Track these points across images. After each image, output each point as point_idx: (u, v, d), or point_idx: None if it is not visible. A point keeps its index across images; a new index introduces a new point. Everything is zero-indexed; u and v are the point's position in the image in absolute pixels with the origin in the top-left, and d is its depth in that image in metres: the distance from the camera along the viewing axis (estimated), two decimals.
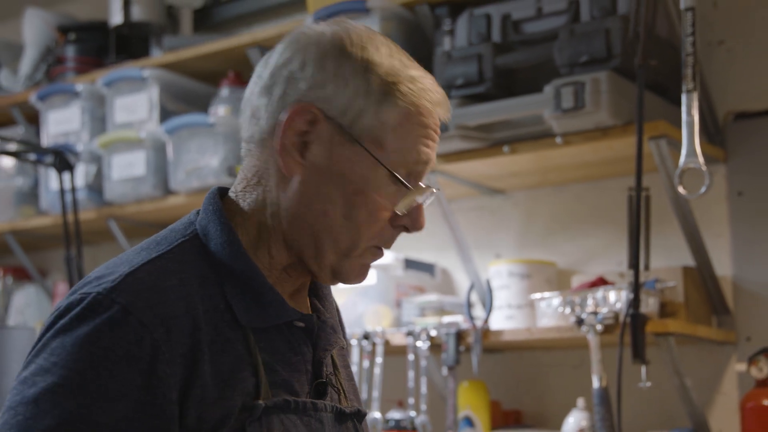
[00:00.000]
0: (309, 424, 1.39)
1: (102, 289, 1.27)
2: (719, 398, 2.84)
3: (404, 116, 1.38)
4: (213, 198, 1.43)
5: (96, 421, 1.21)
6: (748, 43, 2.91)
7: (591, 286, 2.70)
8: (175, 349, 1.27)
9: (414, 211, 1.41)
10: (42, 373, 1.23)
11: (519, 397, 3.16)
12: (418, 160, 1.39)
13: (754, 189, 2.83)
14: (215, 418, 1.29)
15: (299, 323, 1.44)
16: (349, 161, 1.37)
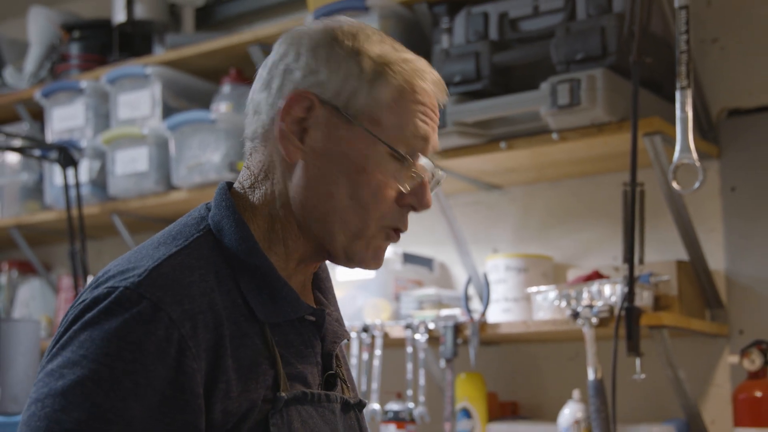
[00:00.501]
0: (323, 415, 1.41)
1: (130, 284, 1.27)
2: (712, 390, 2.84)
3: (398, 93, 1.39)
4: (225, 193, 1.43)
5: (125, 415, 1.21)
6: (741, 41, 2.90)
7: (586, 279, 2.71)
8: (201, 344, 1.27)
9: (419, 189, 1.41)
10: (70, 365, 1.23)
11: (515, 388, 3.16)
12: (415, 134, 1.39)
13: (747, 184, 2.83)
14: (240, 410, 1.30)
15: (310, 317, 1.45)
16: (348, 141, 1.38)
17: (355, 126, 1.38)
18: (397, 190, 1.39)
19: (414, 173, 1.40)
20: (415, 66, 1.42)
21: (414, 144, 1.39)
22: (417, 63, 1.43)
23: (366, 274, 3.09)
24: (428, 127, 1.41)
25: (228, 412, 1.29)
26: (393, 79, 1.39)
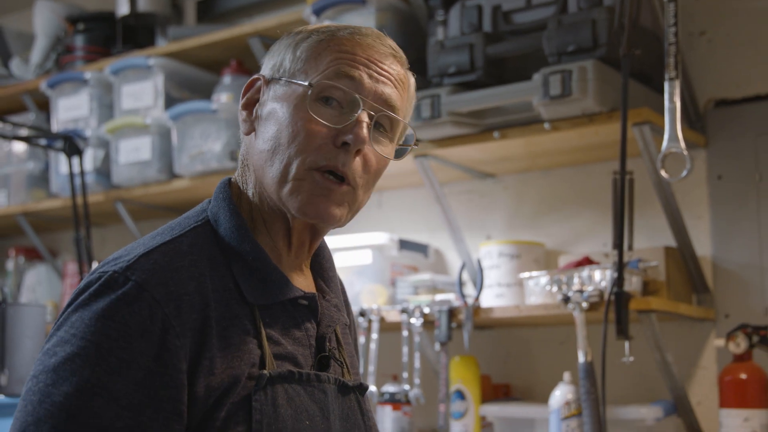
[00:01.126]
0: (312, 394, 1.42)
1: (118, 268, 1.32)
2: (699, 372, 2.85)
3: (316, 45, 1.44)
4: (224, 187, 1.49)
5: (110, 388, 1.25)
6: (727, 34, 2.90)
7: (577, 265, 2.71)
8: (185, 323, 1.31)
9: (353, 125, 1.40)
10: (62, 344, 1.28)
11: (508, 371, 3.16)
12: (338, 74, 1.41)
13: (733, 173, 2.84)
14: (223, 386, 1.32)
15: (303, 301, 1.47)
16: (280, 98, 1.43)
17: (284, 84, 1.43)
18: (327, 129, 1.39)
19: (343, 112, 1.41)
20: (338, 25, 1.47)
21: (339, 82, 1.41)
22: (343, 25, 1.47)
23: (362, 260, 3.09)
24: (353, 68, 1.42)
25: (211, 387, 1.31)
26: (314, 37, 1.45)
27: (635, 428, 2.66)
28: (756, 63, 2.85)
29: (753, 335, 2.58)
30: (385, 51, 1.46)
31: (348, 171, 1.40)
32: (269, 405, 1.35)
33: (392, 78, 1.45)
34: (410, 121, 2.84)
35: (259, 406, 1.34)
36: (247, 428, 1.32)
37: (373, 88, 1.42)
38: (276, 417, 1.35)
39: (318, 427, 1.40)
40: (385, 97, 1.43)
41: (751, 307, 2.78)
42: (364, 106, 1.40)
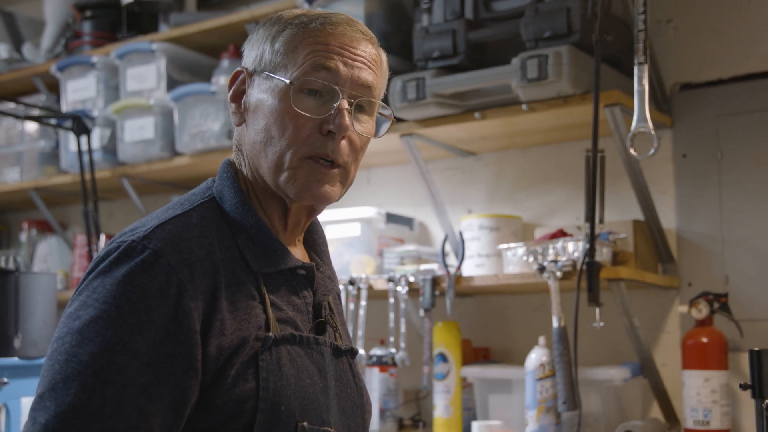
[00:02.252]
0: (311, 356, 1.45)
1: (136, 237, 1.35)
2: (663, 336, 2.85)
3: (291, 39, 1.45)
4: (227, 167, 1.52)
5: (131, 348, 1.27)
6: (692, 22, 2.89)
7: (552, 237, 2.71)
8: (198, 287, 1.33)
9: (335, 114, 1.42)
10: (85, 308, 1.30)
11: (487, 335, 3.17)
12: (315, 66, 1.43)
13: (697, 152, 2.83)
14: (233, 346, 1.35)
15: (301, 271, 1.50)
16: (266, 91, 1.44)
17: (266, 77, 1.45)
18: (312, 121, 1.42)
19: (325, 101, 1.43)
20: (310, 15, 1.47)
21: (317, 75, 1.43)
22: (316, 13, 1.47)
23: (351, 232, 3.08)
24: (328, 59, 1.43)
25: (222, 347, 1.33)
26: (288, 31, 1.45)
27: (604, 388, 2.67)
28: (718, 49, 2.84)
29: (714, 302, 2.59)
30: (357, 36, 1.47)
31: (337, 156, 1.44)
32: (274, 364, 1.38)
33: (366, 60, 1.47)
34: (397, 102, 2.84)
35: (265, 365, 1.36)
36: (255, 385, 1.35)
37: (349, 74, 1.44)
38: (280, 375, 1.38)
39: (317, 385, 1.43)
40: (362, 80, 1.45)
41: (712, 276, 2.78)
42: (343, 95, 1.43)
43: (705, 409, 2.53)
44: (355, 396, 1.53)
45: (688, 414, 2.56)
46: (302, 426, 1.37)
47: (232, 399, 1.33)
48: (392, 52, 2.92)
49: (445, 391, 2.87)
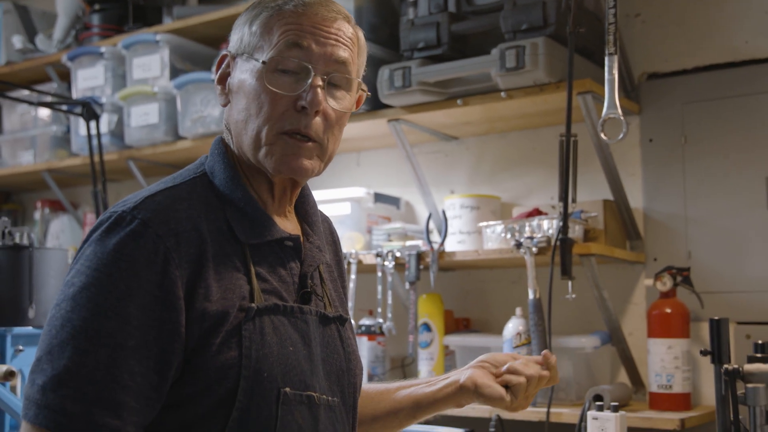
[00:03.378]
0: (295, 324, 1.42)
1: (126, 208, 1.33)
2: (630, 307, 2.86)
3: (267, 21, 1.42)
4: (219, 144, 1.49)
5: (121, 312, 1.25)
6: (659, 16, 2.88)
7: (528, 216, 2.71)
8: (183, 256, 1.31)
9: (308, 91, 1.40)
10: (79, 275, 1.28)
11: (468, 307, 3.16)
12: (289, 44, 1.40)
13: (662, 136, 2.83)
14: (217, 314, 1.32)
15: (288, 242, 1.47)
16: (245, 72, 1.42)
17: (245, 59, 1.42)
18: (287, 98, 1.40)
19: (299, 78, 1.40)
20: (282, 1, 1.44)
21: (290, 54, 1.40)
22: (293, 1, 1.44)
23: (342, 211, 3.07)
24: (300, 38, 1.40)
25: (206, 313, 1.31)
26: (263, 14, 1.43)
27: (576, 355, 2.67)
28: (682, 42, 2.83)
29: (677, 276, 2.60)
30: (330, 15, 1.43)
31: (311, 131, 1.40)
32: (257, 333, 1.35)
33: (340, 38, 1.43)
34: (385, 90, 2.82)
35: (248, 334, 1.34)
36: (238, 353, 1.32)
37: (322, 51, 1.41)
38: (263, 343, 1.35)
39: (300, 352, 1.40)
40: (335, 57, 1.42)
41: (675, 251, 2.78)
42: (316, 72, 1.40)
43: (668, 375, 2.54)
44: (342, 361, 1.49)
45: (652, 379, 2.57)
46: (284, 392, 1.35)
47: (216, 366, 1.31)
48: (380, 42, 2.91)
49: (429, 358, 2.87)
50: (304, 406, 1.38)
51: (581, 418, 2.38)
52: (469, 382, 1.59)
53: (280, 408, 1.34)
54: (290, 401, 1.36)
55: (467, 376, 1.60)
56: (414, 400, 1.66)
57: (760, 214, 2.66)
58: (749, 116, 2.70)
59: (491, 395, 1.57)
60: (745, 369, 1.39)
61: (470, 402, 1.62)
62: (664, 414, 2.47)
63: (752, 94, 2.70)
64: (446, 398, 1.63)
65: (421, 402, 1.65)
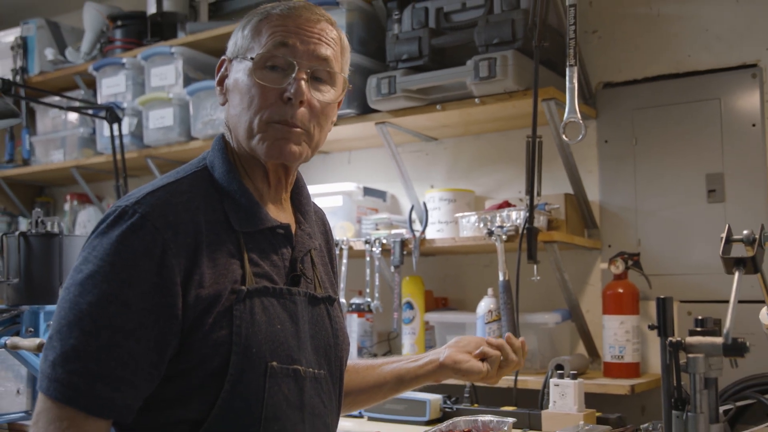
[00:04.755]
0: (284, 305, 1.40)
1: (128, 203, 1.31)
2: (588, 288, 2.86)
3: (257, 25, 1.41)
4: (219, 141, 1.47)
5: (122, 297, 1.24)
6: (613, 33, 2.88)
7: (499, 207, 2.70)
8: (181, 246, 1.29)
9: (293, 83, 1.39)
10: (86, 263, 1.26)
11: (446, 287, 3.16)
12: (275, 44, 1.39)
13: (616, 138, 2.83)
14: (210, 297, 1.30)
15: (279, 230, 1.44)
16: (238, 72, 1.42)
17: (239, 61, 1.42)
18: (274, 90, 1.38)
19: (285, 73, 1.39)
20: (275, 5, 1.43)
21: (277, 51, 1.39)
22: (278, 3, 1.43)
23: (335, 203, 3.06)
24: (286, 37, 1.39)
25: (199, 297, 1.30)
26: (254, 19, 1.42)
27: (540, 330, 2.67)
28: (634, 56, 2.83)
29: (628, 260, 2.60)
30: (315, 17, 1.42)
31: (296, 120, 1.39)
32: (247, 313, 1.33)
33: (323, 38, 1.41)
34: (373, 96, 2.81)
35: (238, 314, 1.32)
36: (229, 332, 1.31)
37: (305, 49, 1.39)
38: (252, 323, 1.33)
39: (287, 329, 1.38)
40: (318, 53, 1.40)
41: (627, 239, 2.78)
42: (300, 67, 1.38)
43: (620, 346, 2.54)
44: (329, 337, 1.48)
45: (606, 350, 2.57)
46: (271, 365, 1.34)
47: (209, 343, 1.29)
48: (369, 54, 2.89)
49: (412, 333, 2.86)
50: (290, 378, 1.37)
51: (544, 385, 2.38)
52: (449, 360, 1.63)
53: (268, 380, 1.33)
54: (277, 374, 1.34)
55: (446, 355, 1.64)
56: (397, 375, 1.67)
57: (700, 207, 2.66)
58: (691, 121, 2.70)
59: (470, 369, 1.61)
60: (687, 341, 1.39)
61: (448, 378, 1.65)
62: (617, 381, 2.48)
63: (693, 101, 2.70)
64: (427, 374, 1.65)
65: (404, 377, 1.66)
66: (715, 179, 2.65)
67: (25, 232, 2.47)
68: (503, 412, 2.30)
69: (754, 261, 1.48)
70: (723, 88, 2.65)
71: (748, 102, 2.61)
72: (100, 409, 1.22)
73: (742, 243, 1.52)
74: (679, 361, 1.37)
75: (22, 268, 2.44)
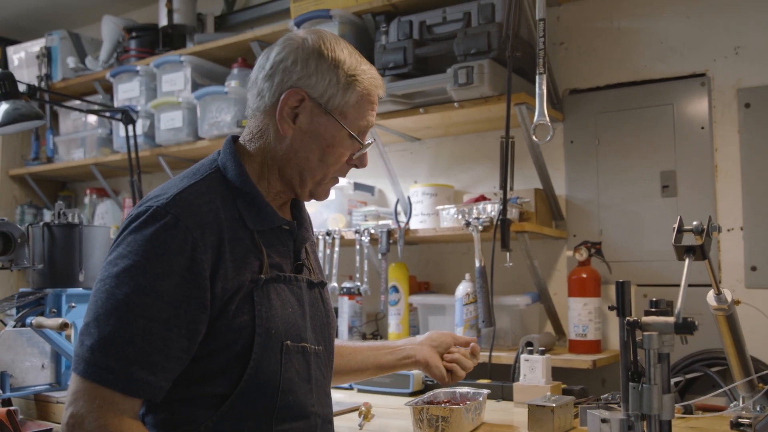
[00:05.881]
0: (292, 290, 1.43)
1: (161, 204, 1.30)
2: (555, 273, 2.86)
3: (359, 97, 1.40)
4: (230, 144, 1.45)
5: (157, 290, 1.24)
6: (579, 45, 2.87)
7: (475, 201, 2.69)
8: (207, 243, 1.29)
9: (362, 156, 1.45)
10: (121, 258, 1.26)
11: (428, 273, 3.15)
12: (367, 125, 1.43)
13: (580, 139, 2.82)
14: (234, 287, 1.32)
15: (285, 227, 1.47)
16: (323, 126, 1.39)
17: (330, 117, 1.39)
18: (349, 156, 1.43)
19: (361, 146, 1.43)
20: (370, 76, 1.42)
21: (364, 129, 1.43)
22: (371, 72, 1.43)
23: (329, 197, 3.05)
24: (373, 118, 1.44)
25: (225, 288, 1.30)
26: (358, 88, 1.40)
27: (512, 311, 2.67)
28: (597, 65, 2.82)
29: (591, 248, 2.60)
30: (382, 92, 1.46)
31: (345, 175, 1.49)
32: (265, 298, 1.35)
33: None
34: None
35: (258, 299, 1.34)
36: (251, 315, 1.33)
37: (373, 125, 1.48)
38: (270, 307, 1.35)
39: (296, 312, 1.41)
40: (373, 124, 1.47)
41: (590, 229, 2.78)
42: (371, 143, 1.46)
43: (584, 326, 2.54)
44: (323, 317, 1.52)
45: (571, 329, 2.57)
46: (286, 344, 1.36)
47: (233, 327, 1.31)
48: None
49: (397, 314, 2.86)
50: (300, 354, 1.40)
51: (516, 360, 2.38)
52: (423, 361, 1.74)
53: (283, 357, 1.36)
54: (290, 351, 1.37)
55: (423, 356, 1.75)
56: (378, 364, 1.76)
57: (655, 200, 2.67)
58: (647, 124, 2.70)
59: (437, 375, 1.75)
60: (643, 320, 1.39)
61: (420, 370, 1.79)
62: (580, 356, 2.48)
63: (649, 106, 2.70)
64: (403, 366, 1.77)
65: (384, 366, 1.77)
66: (668, 176, 2.65)
67: (49, 222, 2.45)
68: (479, 385, 2.31)
69: (703, 249, 1.48)
70: (675, 95, 2.65)
71: (697, 107, 2.62)
72: (136, 391, 1.22)
73: (692, 233, 1.52)
74: (636, 338, 1.37)
75: (46, 255, 2.43)
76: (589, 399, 2.18)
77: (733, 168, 2.55)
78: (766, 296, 2.44)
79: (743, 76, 2.56)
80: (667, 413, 1.35)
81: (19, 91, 2.62)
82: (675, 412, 1.48)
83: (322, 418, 1.44)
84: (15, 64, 4.21)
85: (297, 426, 1.37)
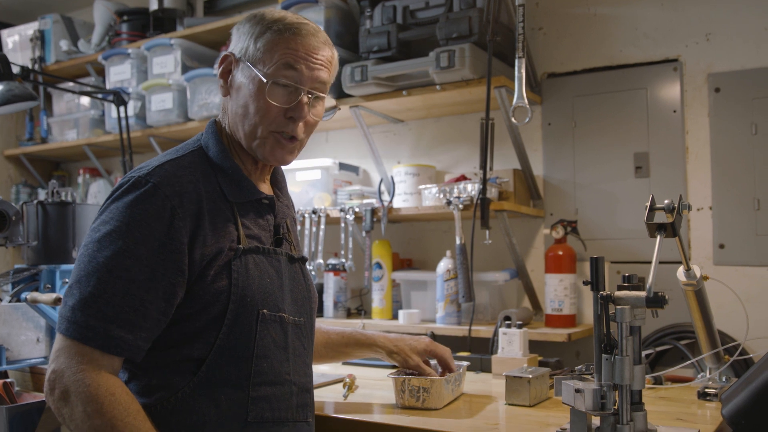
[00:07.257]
0: (271, 262, 1.43)
1: (141, 174, 1.31)
2: (532, 251, 2.86)
3: (269, 41, 1.37)
4: (212, 124, 1.47)
5: (136, 253, 1.24)
6: (557, 30, 2.85)
7: (456, 180, 2.68)
8: (186, 211, 1.29)
9: (297, 105, 1.39)
10: (104, 224, 1.27)
11: (410, 250, 3.15)
12: (285, 65, 1.37)
13: (558, 121, 2.81)
14: (212, 254, 1.32)
15: (265, 200, 1.47)
16: (247, 78, 1.38)
17: (246, 66, 1.38)
18: (281, 107, 1.38)
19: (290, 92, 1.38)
20: (286, 23, 1.39)
21: (284, 73, 1.37)
22: (292, 19, 1.40)
23: (314, 176, 3.03)
24: (295, 62, 1.38)
25: (204, 254, 1.31)
26: (268, 34, 1.38)
27: (491, 286, 2.67)
28: (574, 50, 2.81)
29: (567, 227, 2.60)
30: (319, 44, 1.41)
31: (295, 134, 1.41)
32: (243, 267, 1.35)
33: (324, 63, 1.42)
34: (347, 83, 2.77)
35: (236, 268, 1.34)
36: (228, 283, 1.33)
37: (309, 75, 1.39)
38: (247, 275, 1.36)
39: (275, 282, 1.41)
40: (319, 78, 1.41)
41: (566, 208, 2.78)
42: (304, 92, 1.39)
43: (559, 300, 2.55)
44: (304, 291, 1.52)
45: (548, 304, 2.58)
46: (262, 313, 1.37)
47: (210, 292, 1.31)
48: (344, 46, 2.84)
49: (380, 289, 2.85)
50: (277, 324, 1.40)
51: (495, 333, 2.38)
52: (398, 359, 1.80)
53: (259, 325, 1.36)
54: (266, 320, 1.37)
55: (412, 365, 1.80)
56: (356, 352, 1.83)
57: (628, 181, 2.66)
58: (622, 107, 2.69)
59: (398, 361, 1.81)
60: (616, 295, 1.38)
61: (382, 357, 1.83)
62: (556, 330, 2.49)
63: (624, 90, 2.69)
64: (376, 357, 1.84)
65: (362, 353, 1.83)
66: (641, 157, 2.65)
67: (43, 201, 2.42)
68: (459, 357, 2.31)
69: (673, 226, 1.48)
70: (649, 79, 2.64)
71: (670, 91, 2.61)
72: (114, 348, 1.23)
73: (663, 211, 1.52)
74: (609, 312, 1.37)
75: (40, 233, 2.40)
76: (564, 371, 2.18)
77: (703, 150, 2.55)
78: (734, 273, 2.45)
79: (714, 61, 2.55)
80: (638, 383, 1.35)
81: (13, 73, 2.57)
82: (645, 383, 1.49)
83: (297, 386, 1.43)
84: (9, 47, 4.14)
85: (272, 391, 1.37)
